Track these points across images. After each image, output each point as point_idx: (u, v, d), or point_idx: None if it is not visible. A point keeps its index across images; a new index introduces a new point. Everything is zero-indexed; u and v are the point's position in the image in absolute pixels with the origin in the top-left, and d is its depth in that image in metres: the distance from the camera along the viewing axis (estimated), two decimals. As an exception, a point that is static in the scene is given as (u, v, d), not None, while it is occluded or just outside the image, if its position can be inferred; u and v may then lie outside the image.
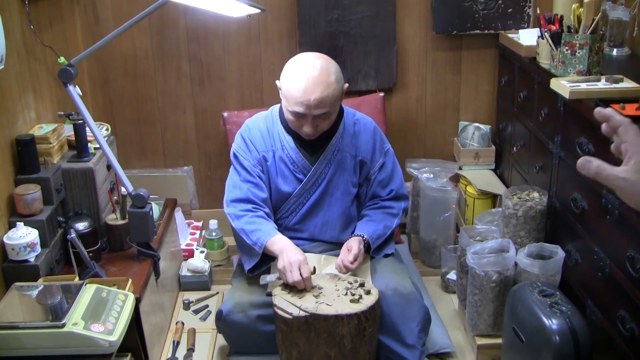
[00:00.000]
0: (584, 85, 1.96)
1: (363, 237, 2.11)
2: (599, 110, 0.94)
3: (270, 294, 2.00)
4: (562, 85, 1.99)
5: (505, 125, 2.86)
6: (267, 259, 2.09)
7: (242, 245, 2.12)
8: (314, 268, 1.98)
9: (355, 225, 2.22)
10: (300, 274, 1.91)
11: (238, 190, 2.13)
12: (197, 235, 2.98)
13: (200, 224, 3.07)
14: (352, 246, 2.07)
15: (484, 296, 2.19)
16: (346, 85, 2.09)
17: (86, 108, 2.07)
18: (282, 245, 2.00)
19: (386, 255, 2.22)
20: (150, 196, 2.19)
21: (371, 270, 2.14)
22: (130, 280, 2.00)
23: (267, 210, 2.13)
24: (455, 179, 2.96)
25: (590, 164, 0.92)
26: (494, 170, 2.98)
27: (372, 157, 2.19)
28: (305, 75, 1.97)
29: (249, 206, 2.11)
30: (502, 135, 2.91)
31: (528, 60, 2.49)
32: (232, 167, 2.20)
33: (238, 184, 2.14)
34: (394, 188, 2.21)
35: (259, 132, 2.17)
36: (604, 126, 0.94)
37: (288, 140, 2.14)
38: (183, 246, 2.88)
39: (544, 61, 2.35)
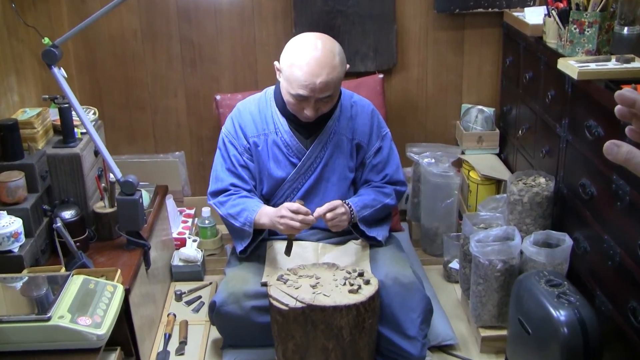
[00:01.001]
0: (593, 66, 1.95)
1: (347, 204, 2.10)
2: (622, 93, 0.88)
3: (265, 284, 2.01)
4: (570, 66, 1.98)
5: (510, 108, 2.85)
6: (258, 236, 2.11)
7: (233, 229, 2.14)
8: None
9: None
10: (295, 218, 1.96)
11: (220, 182, 2.15)
12: (189, 224, 2.99)
13: (192, 211, 3.08)
14: (336, 205, 2.06)
15: (488, 286, 2.19)
16: (347, 66, 2.09)
17: (72, 91, 2.07)
18: (267, 216, 2.02)
19: (386, 243, 2.22)
20: (140, 183, 2.20)
21: (370, 259, 2.14)
22: (119, 271, 1.99)
23: (248, 187, 2.16)
24: (458, 164, 2.96)
25: (620, 149, 0.85)
26: (498, 155, 2.98)
27: (369, 141, 2.19)
28: (310, 57, 1.96)
29: (230, 191, 2.14)
30: (507, 118, 2.91)
31: (534, 40, 2.48)
32: (218, 152, 2.20)
33: (220, 176, 2.16)
34: (389, 173, 2.21)
35: (249, 116, 2.16)
36: (620, 109, 0.89)
37: (282, 123, 2.14)
38: (174, 235, 2.88)
39: (551, 40, 2.34)
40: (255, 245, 2.13)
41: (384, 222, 2.24)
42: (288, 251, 2.03)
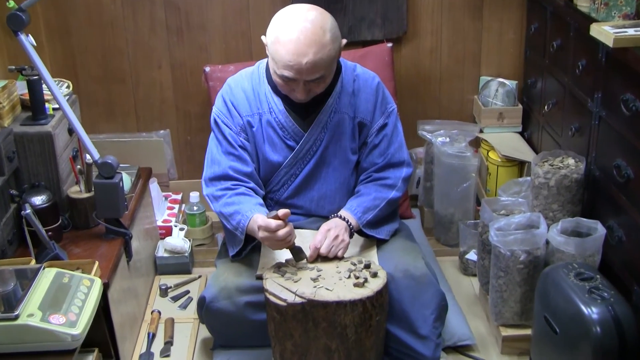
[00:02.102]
0: (631, 31, 1.94)
1: (343, 217, 2.09)
2: None
3: (260, 277, 2.00)
4: (605, 32, 1.97)
5: (535, 81, 2.85)
6: (252, 240, 2.09)
7: (226, 229, 2.14)
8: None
9: None
10: (275, 237, 1.92)
11: (217, 166, 2.13)
12: (175, 210, 2.99)
13: (179, 196, 3.09)
14: (330, 227, 2.04)
15: (510, 279, 2.19)
16: (344, 41, 2.07)
17: (42, 62, 2.06)
18: (256, 226, 1.99)
19: (395, 232, 2.22)
20: (120, 165, 2.19)
21: (378, 249, 2.14)
22: (96, 263, 1.99)
23: (250, 184, 2.13)
24: (476, 143, 2.98)
25: None
26: (521, 133, 2.98)
27: (372, 118, 2.18)
28: (296, 34, 1.93)
29: (229, 183, 2.11)
30: (531, 92, 2.91)
31: (563, 3, 2.48)
32: (212, 135, 2.19)
33: (217, 159, 2.14)
34: (390, 152, 2.20)
35: (242, 93, 2.15)
36: None
37: (276, 102, 2.13)
38: (159, 223, 2.88)
39: (583, 4, 2.34)
40: (249, 249, 2.12)
41: (391, 218, 2.23)
42: (297, 258, 2.01)
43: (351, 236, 2.09)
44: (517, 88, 2.99)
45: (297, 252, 2.00)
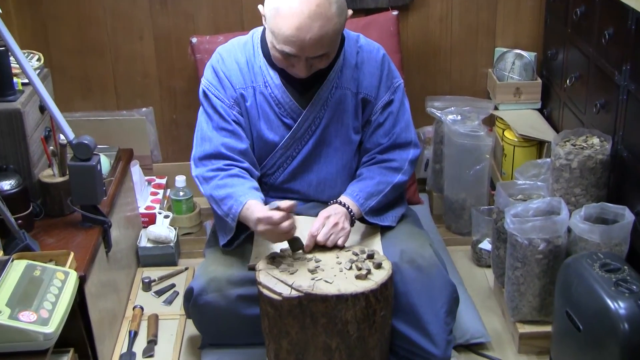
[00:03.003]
0: None
1: (343, 203, 2.09)
2: None
3: (253, 268, 1.99)
4: None
5: (556, 52, 2.84)
6: (245, 228, 2.08)
7: (216, 215, 2.14)
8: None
9: None
10: (283, 228, 1.90)
11: (208, 143, 2.13)
12: (160, 196, 3.00)
13: (163, 181, 3.10)
14: (330, 214, 2.04)
15: (528, 271, 2.19)
16: (349, 12, 2.06)
17: (10, 32, 2.05)
18: (252, 216, 1.97)
19: (401, 218, 2.22)
20: (98, 146, 2.19)
21: (382, 237, 2.15)
22: (72, 254, 1.98)
23: (244, 164, 2.13)
24: (490, 121, 3.00)
25: None
26: (540, 110, 2.99)
27: (377, 94, 2.19)
28: (299, 6, 1.92)
29: (221, 163, 2.11)
30: (551, 65, 2.90)
31: None
32: (201, 109, 2.19)
33: (208, 135, 2.13)
34: (396, 132, 2.20)
35: (235, 64, 2.15)
36: None
37: (272, 76, 2.13)
38: (142, 210, 2.90)
39: None
40: (242, 239, 2.11)
41: (397, 203, 2.24)
42: (294, 247, 2.01)
43: (352, 224, 2.08)
44: (535, 60, 2.98)
45: (294, 242, 1.99)
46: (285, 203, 1.90)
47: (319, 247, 2.01)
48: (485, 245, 2.66)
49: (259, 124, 2.14)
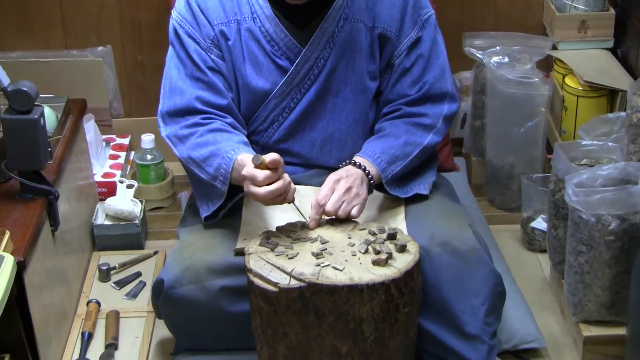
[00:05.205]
0: None
1: (359, 164, 2.10)
2: None
3: (241, 253, 2.00)
4: None
5: None
6: (235, 193, 2.09)
7: (197, 181, 2.15)
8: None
9: None
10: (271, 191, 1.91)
11: (178, 96, 2.15)
12: (121, 160, 3.02)
13: (126, 141, 3.13)
14: (340, 177, 2.05)
15: (596, 257, 2.19)
16: None
17: None
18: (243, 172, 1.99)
19: (431, 190, 2.22)
20: (42, 95, 2.20)
21: (406, 213, 2.16)
22: (7, 234, 1.97)
23: (227, 119, 2.15)
24: (547, 64, 3.03)
25: None
26: (613, 50, 2.99)
27: (400, 29, 2.18)
28: None
29: (197, 118, 2.13)
30: None
31: None
32: (170, 51, 2.20)
33: (178, 85, 2.15)
34: (428, 80, 2.21)
35: None
36: None
37: (262, 5, 2.14)
38: (98, 177, 2.92)
39: None
40: (229, 208, 2.13)
41: (427, 167, 2.26)
42: (293, 223, 2.03)
43: (370, 192, 2.08)
44: (608, -16, 2.96)
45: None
46: (270, 156, 1.89)
47: (327, 222, 2.02)
48: (540, 224, 2.67)
49: (244, 69, 2.15)
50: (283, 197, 1.94)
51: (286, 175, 1.94)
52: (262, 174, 1.89)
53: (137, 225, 2.72)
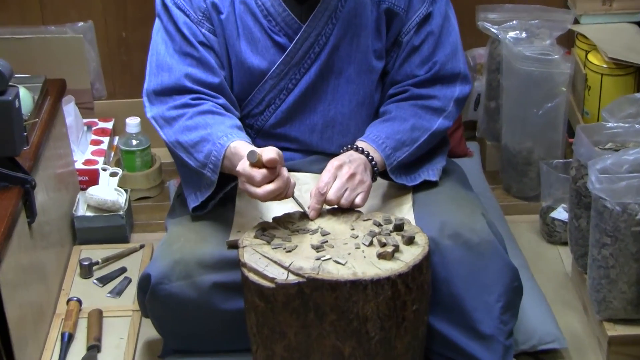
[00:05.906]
0: None
1: (361, 149, 2.10)
2: None
3: (234, 245, 2.01)
4: None
5: None
6: (227, 182, 2.08)
7: (185, 168, 2.15)
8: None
9: None
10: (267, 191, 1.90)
11: (166, 73, 2.14)
12: (104, 146, 3.05)
13: (110, 124, 3.16)
14: (343, 162, 2.05)
15: (621, 249, 2.19)
16: None
17: None
18: (237, 161, 1.98)
19: (441, 176, 2.24)
20: (16, 75, 2.21)
21: (414, 201, 2.17)
22: None
23: (220, 99, 2.15)
24: (568, 40, 3.04)
25: None
26: None
27: (409, 4, 2.18)
28: None
29: (186, 98, 2.12)
30: None
31: None
32: (157, 24, 2.21)
33: (166, 62, 2.15)
34: (439, 60, 2.21)
35: None
36: None
37: None
38: (79, 165, 2.94)
39: None
40: (220, 198, 2.13)
41: (436, 152, 2.27)
42: (291, 214, 2.03)
43: (374, 179, 2.07)
44: (636, -51, 3.01)
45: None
46: (268, 155, 1.86)
47: (328, 211, 2.02)
48: (560, 214, 2.69)
49: (238, 45, 2.15)
50: (283, 194, 1.94)
51: (285, 171, 1.93)
52: (259, 174, 1.87)
53: (121, 216, 2.72)
